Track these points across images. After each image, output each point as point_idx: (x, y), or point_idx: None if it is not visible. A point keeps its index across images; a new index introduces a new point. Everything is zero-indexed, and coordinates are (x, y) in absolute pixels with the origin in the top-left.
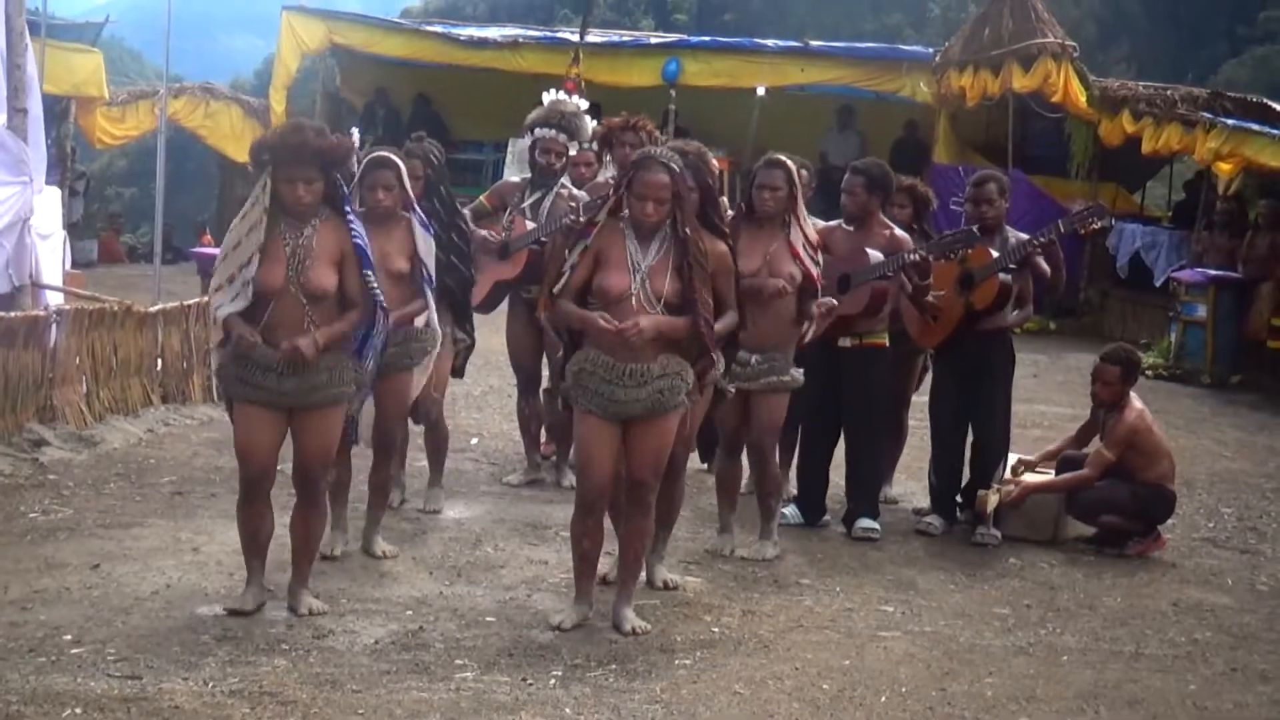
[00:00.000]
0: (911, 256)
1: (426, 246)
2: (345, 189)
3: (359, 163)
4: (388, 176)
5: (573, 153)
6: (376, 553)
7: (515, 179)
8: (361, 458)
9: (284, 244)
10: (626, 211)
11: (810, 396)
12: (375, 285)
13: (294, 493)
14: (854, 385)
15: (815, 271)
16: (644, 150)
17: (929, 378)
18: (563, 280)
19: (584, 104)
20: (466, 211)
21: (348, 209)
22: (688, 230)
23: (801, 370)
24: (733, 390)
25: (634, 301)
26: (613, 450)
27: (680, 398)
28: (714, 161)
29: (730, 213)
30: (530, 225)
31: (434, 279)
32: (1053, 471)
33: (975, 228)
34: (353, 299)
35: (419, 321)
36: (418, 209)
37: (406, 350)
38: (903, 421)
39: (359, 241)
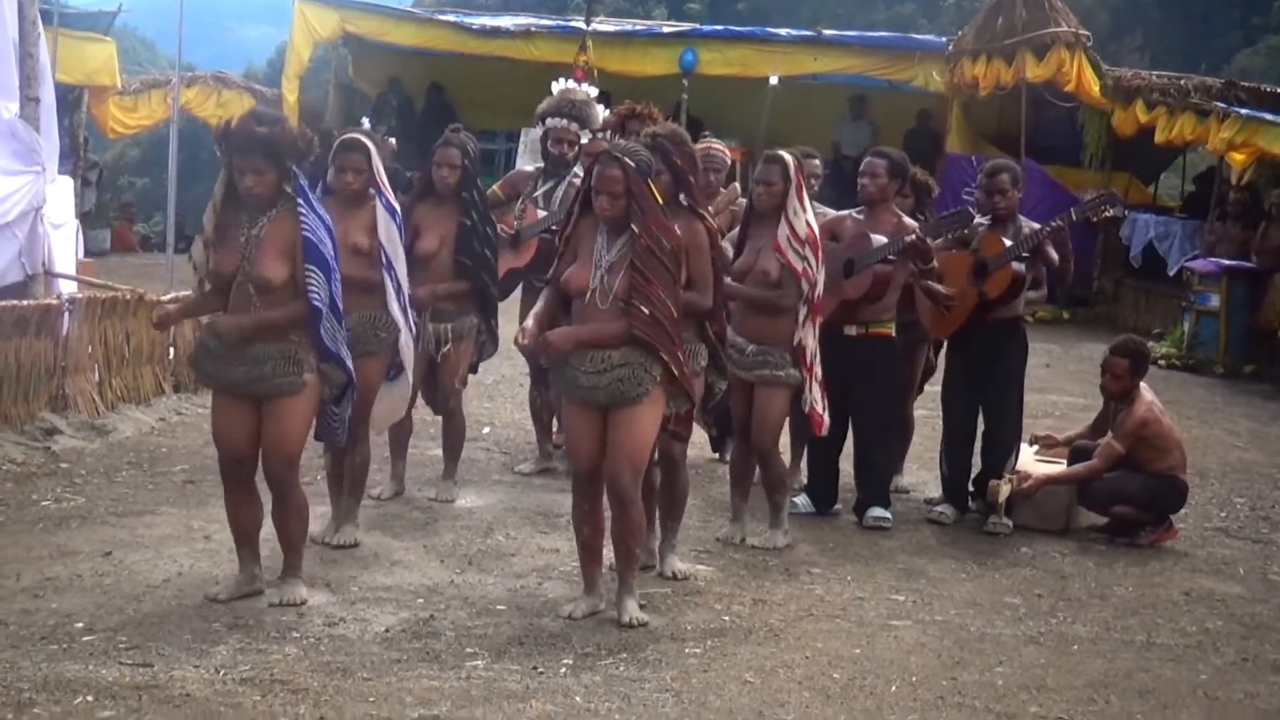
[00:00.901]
0: (909, 237)
1: (388, 230)
2: (302, 180)
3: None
4: (357, 159)
5: (584, 141)
6: (335, 540)
7: (529, 168)
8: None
9: (240, 234)
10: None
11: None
12: (313, 282)
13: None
14: (861, 375)
15: (799, 266)
16: (606, 146)
17: (938, 369)
18: (551, 269)
19: (594, 92)
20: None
21: (303, 200)
22: (635, 227)
23: (797, 370)
24: (724, 386)
25: (589, 297)
26: (595, 436)
27: (643, 389)
28: (717, 144)
29: (743, 201)
30: (542, 214)
31: (392, 263)
32: (1065, 461)
33: (987, 216)
34: (299, 291)
35: (392, 309)
36: (385, 192)
37: (362, 337)
38: (908, 411)
39: (307, 234)
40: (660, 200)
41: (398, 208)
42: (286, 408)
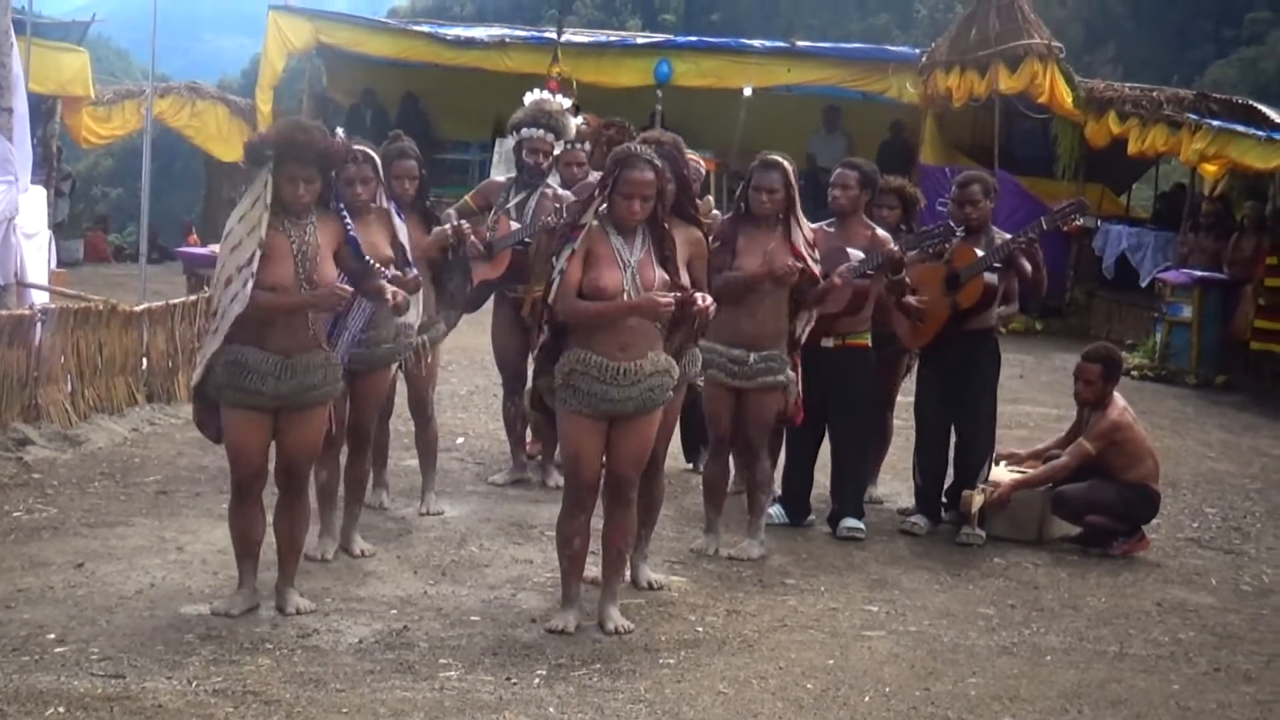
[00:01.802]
0: (889, 253)
1: (404, 233)
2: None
3: None
4: (366, 171)
5: (558, 151)
6: (355, 551)
7: (500, 178)
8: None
9: (289, 241)
10: (604, 209)
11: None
12: (372, 262)
13: (278, 492)
14: (837, 386)
15: (817, 270)
16: (625, 147)
17: (913, 378)
18: (556, 284)
19: (567, 103)
20: (452, 211)
21: (340, 205)
22: (664, 224)
23: (791, 369)
24: (701, 385)
25: (624, 297)
26: (599, 448)
27: (668, 394)
28: (692, 155)
29: (716, 214)
30: (515, 225)
31: (414, 264)
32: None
33: (961, 228)
34: (361, 277)
35: (410, 317)
36: (392, 200)
37: (397, 347)
38: (886, 422)
39: (353, 233)
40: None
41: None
42: (321, 413)
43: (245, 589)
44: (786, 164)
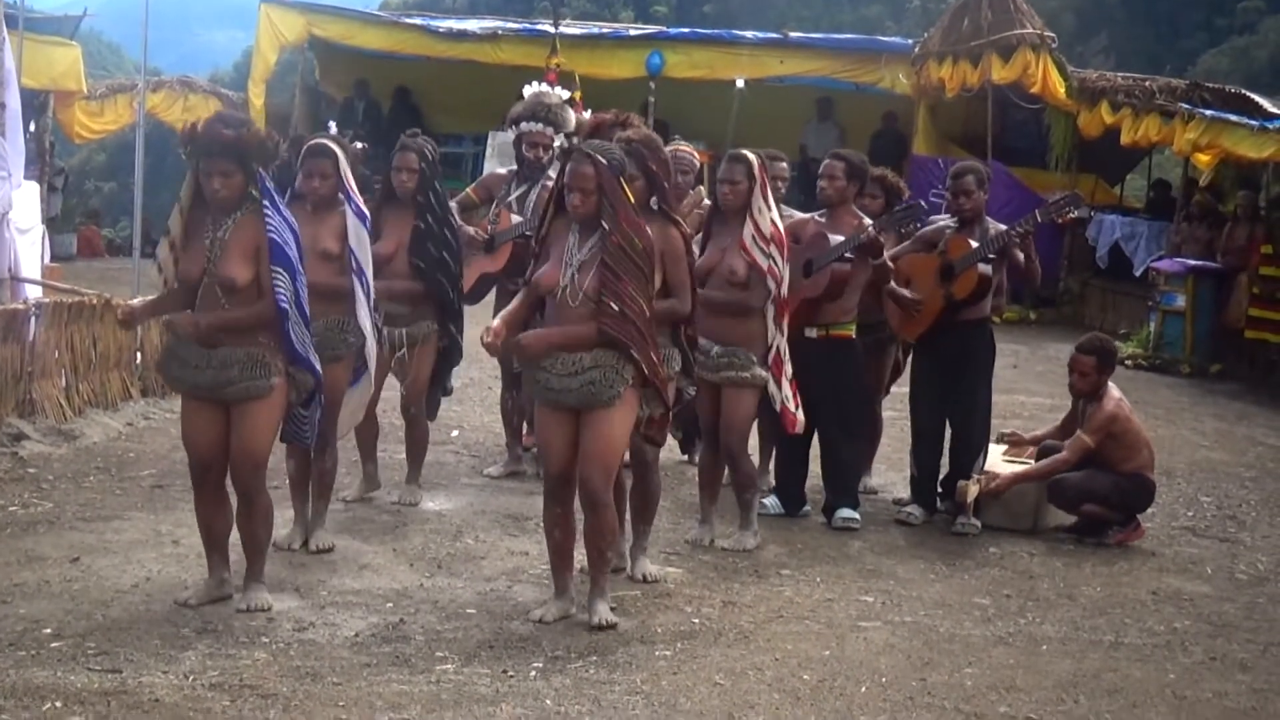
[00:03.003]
0: (864, 235)
1: (358, 236)
2: (268, 183)
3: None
4: (324, 165)
5: (557, 144)
6: (312, 546)
7: (501, 171)
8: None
9: (205, 236)
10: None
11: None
12: (279, 283)
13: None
14: (822, 377)
15: (764, 264)
16: (575, 144)
17: (906, 369)
18: (528, 271)
19: (565, 95)
20: (453, 204)
21: (269, 203)
22: (606, 224)
23: (763, 370)
24: (693, 392)
25: (564, 295)
26: (567, 438)
27: (614, 391)
28: (686, 146)
29: (708, 203)
30: (516, 219)
31: (362, 269)
32: (1032, 460)
33: (954, 219)
34: (264, 293)
35: (362, 317)
36: (354, 198)
37: (329, 341)
38: (876, 412)
39: (273, 236)
40: (632, 199)
41: (367, 213)
42: (254, 412)
43: (211, 579)
44: (752, 157)
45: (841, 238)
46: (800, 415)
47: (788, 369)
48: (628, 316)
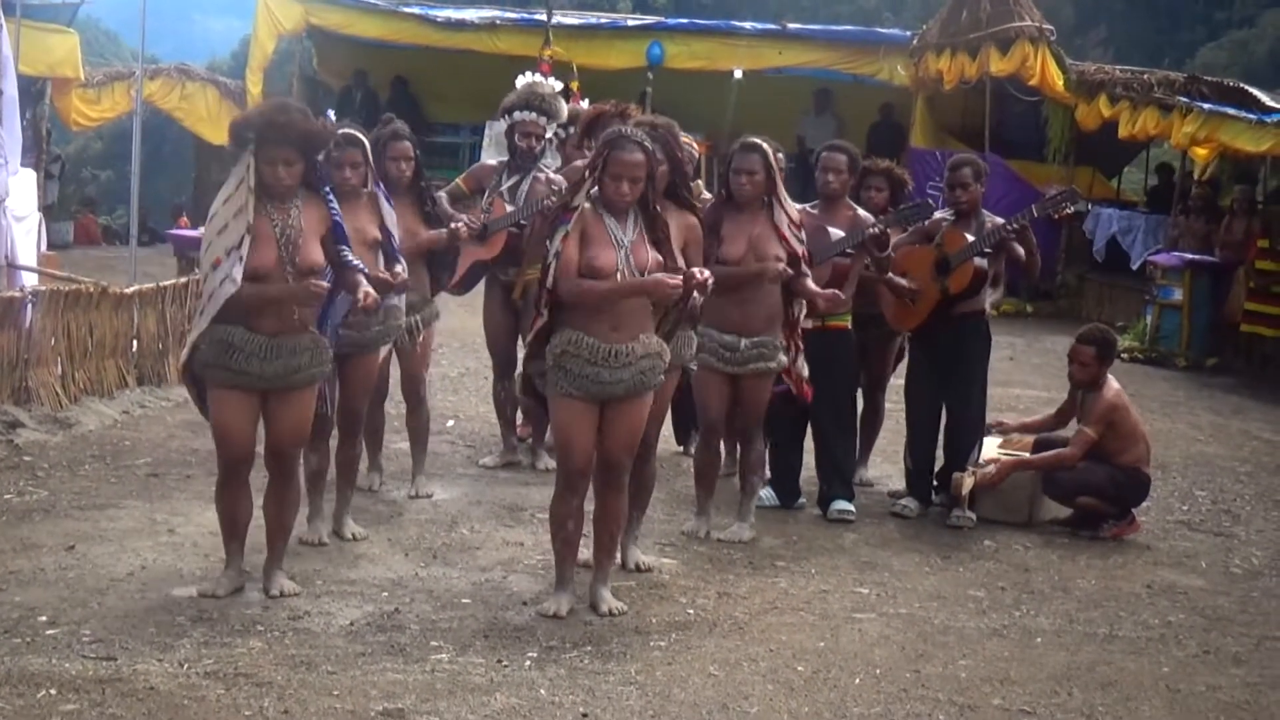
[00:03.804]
0: (870, 230)
1: (392, 218)
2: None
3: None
4: (355, 154)
5: (549, 134)
6: (346, 534)
7: (492, 161)
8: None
9: (272, 224)
10: (596, 191)
11: (777, 380)
12: (351, 257)
13: (268, 474)
14: (818, 368)
15: (801, 250)
16: (615, 129)
17: (905, 361)
18: (554, 267)
19: (559, 85)
20: (443, 194)
21: (327, 189)
22: (658, 206)
23: (785, 354)
24: (695, 368)
25: (619, 277)
26: (594, 432)
27: (660, 377)
28: (685, 137)
29: (707, 196)
30: (509, 208)
31: (399, 253)
32: (1028, 451)
33: (949, 209)
34: (339, 269)
35: (396, 298)
36: (380, 184)
37: (386, 329)
38: (879, 404)
39: (338, 219)
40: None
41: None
42: (308, 396)
43: (231, 570)
44: (766, 146)
45: (839, 231)
46: (803, 249)
47: (798, 342)
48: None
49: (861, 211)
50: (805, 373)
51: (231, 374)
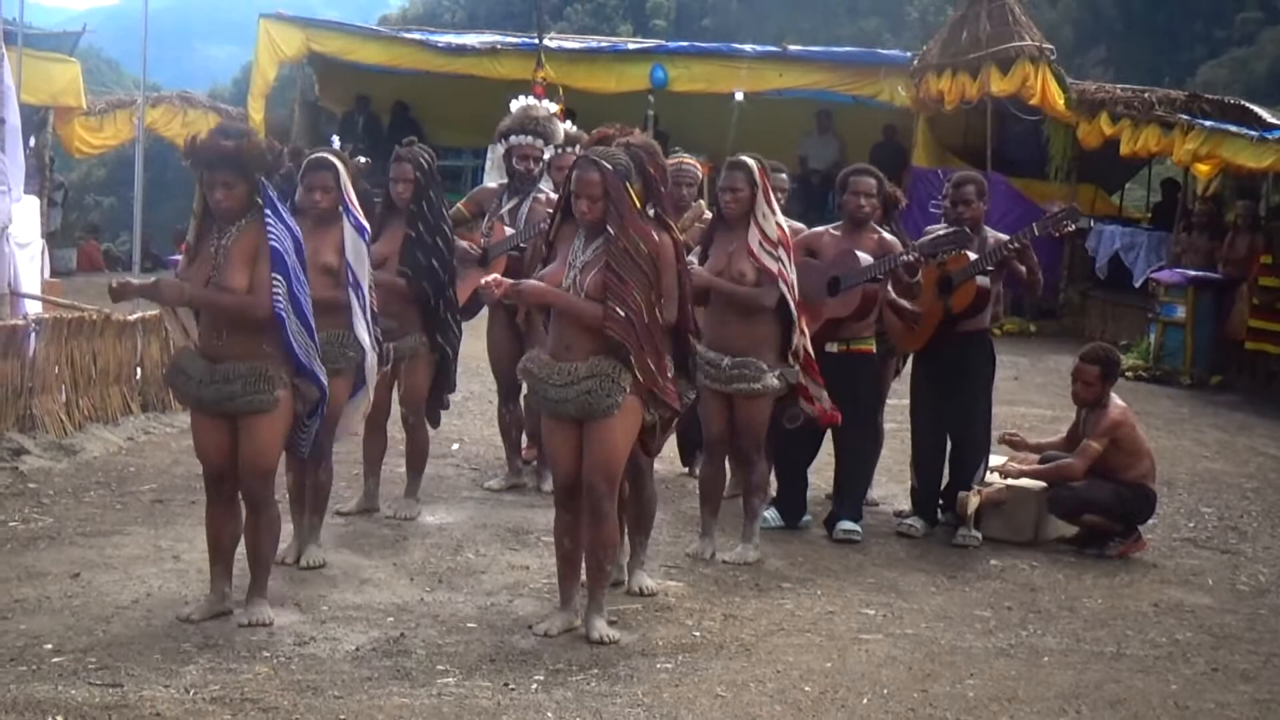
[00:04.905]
0: (905, 257)
1: (356, 249)
2: (271, 192)
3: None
4: (325, 178)
5: (547, 156)
6: (303, 562)
7: (492, 185)
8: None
9: (211, 247)
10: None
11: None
12: (277, 290)
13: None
14: (843, 391)
15: (774, 267)
16: (584, 151)
17: (904, 380)
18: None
19: (554, 107)
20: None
21: (270, 212)
22: (611, 229)
23: (777, 376)
24: (692, 396)
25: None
26: (572, 447)
27: (612, 400)
28: (688, 159)
29: (709, 215)
30: (509, 231)
31: (359, 283)
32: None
33: (951, 228)
34: (255, 292)
35: (358, 329)
36: (354, 211)
37: (330, 355)
38: (878, 424)
39: (274, 244)
40: (638, 205)
41: (367, 227)
42: (259, 425)
43: (213, 593)
44: (752, 163)
45: (869, 257)
46: (777, 267)
47: (815, 368)
48: (630, 320)
49: (887, 235)
50: (826, 402)
51: (181, 396)
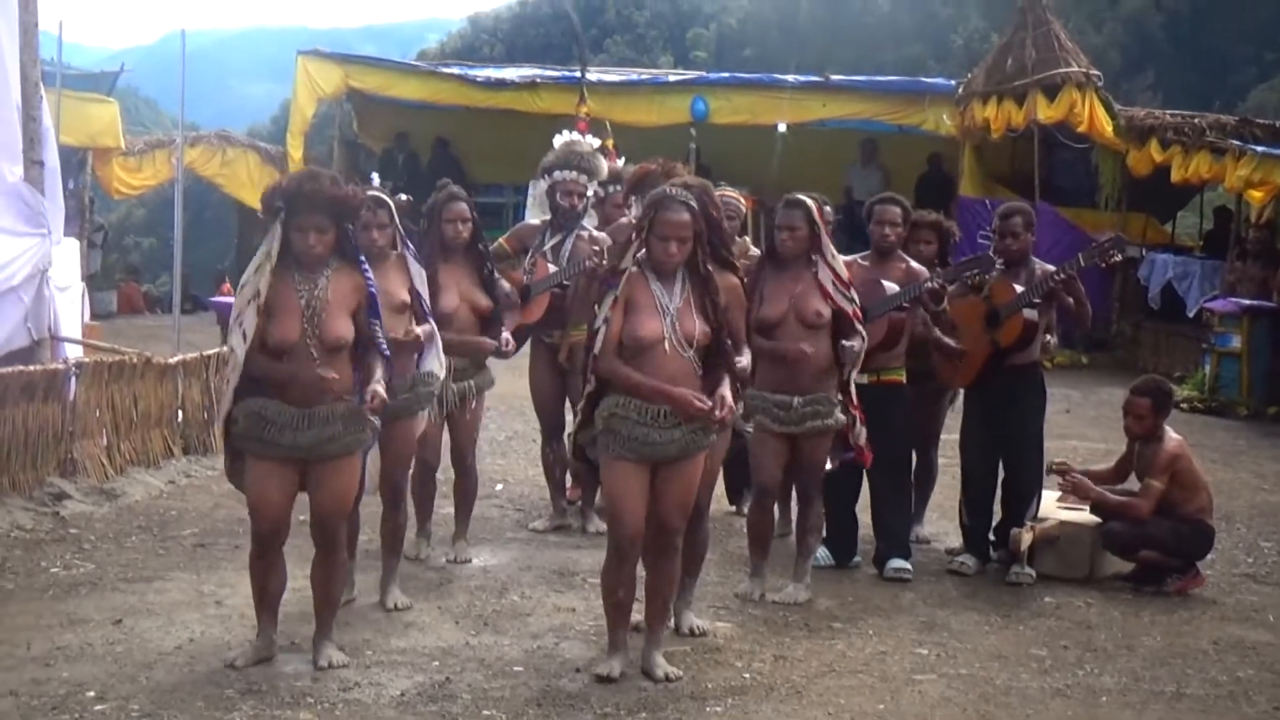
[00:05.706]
0: (928, 284)
1: (423, 281)
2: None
3: None
4: (381, 216)
5: (590, 192)
6: (389, 604)
7: (535, 221)
8: (371, 506)
9: (298, 295)
10: (643, 253)
11: (845, 446)
12: (380, 336)
13: (314, 544)
14: (874, 423)
15: (850, 308)
16: (661, 189)
17: (957, 414)
18: (600, 336)
19: (596, 143)
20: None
21: (361, 259)
22: (709, 267)
23: (841, 410)
24: (750, 430)
25: (666, 346)
26: (645, 495)
27: (711, 437)
28: (732, 192)
29: (755, 252)
30: (552, 268)
31: (429, 314)
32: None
33: (1000, 261)
34: (365, 348)
35: (432, 365)
36: (409, 245)
37: (415, 396)
38: (932, 460)
39: (373, 290)
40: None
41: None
42: (348, 465)
43: (261, 640)
44: (811, 202)
45: (894, 285)
46: (852, 308)
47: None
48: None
49: (915, 264)
50: (864, 439)
51: (266, 445)
